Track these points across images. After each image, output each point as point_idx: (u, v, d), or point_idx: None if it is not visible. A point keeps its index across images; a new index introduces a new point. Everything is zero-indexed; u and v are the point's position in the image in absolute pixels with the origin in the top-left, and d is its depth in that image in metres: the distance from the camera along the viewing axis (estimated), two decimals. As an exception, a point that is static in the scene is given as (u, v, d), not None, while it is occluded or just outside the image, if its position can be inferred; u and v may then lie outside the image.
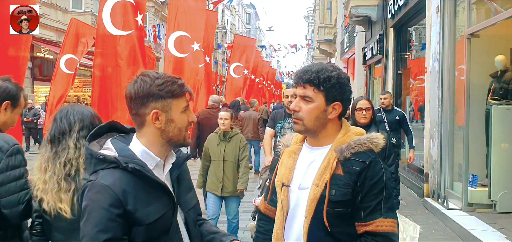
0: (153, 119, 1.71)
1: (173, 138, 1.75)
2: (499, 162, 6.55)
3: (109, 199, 1.59)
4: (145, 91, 1.69)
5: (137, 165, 1.64)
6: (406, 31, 11.91)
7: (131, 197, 1.63)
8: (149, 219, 1.65)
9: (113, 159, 1.65)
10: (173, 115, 1.73)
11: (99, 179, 1.63)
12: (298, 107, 1.94)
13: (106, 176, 1.63)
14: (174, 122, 1.73)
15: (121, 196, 1.61)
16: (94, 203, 1.60)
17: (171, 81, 1.72)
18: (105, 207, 1.59)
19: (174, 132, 1.74)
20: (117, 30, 6.23)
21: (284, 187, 1.98)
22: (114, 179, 1.62)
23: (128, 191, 1.63)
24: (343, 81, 1.93)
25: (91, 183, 1.64)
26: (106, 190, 1.60)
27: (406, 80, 11.73)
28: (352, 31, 19.05)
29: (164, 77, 1.73)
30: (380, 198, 1.82)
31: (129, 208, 1.62)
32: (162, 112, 1.71)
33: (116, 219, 1.59)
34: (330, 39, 29.86)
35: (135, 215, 1.63)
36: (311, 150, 1.99)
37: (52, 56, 19.06)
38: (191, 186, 1.97)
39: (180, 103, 1.74)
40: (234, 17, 64.98)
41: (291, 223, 1.96)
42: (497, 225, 5.86)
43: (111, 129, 1.84)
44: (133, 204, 1.63)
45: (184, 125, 1.76)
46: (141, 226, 1.64)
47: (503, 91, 6.99)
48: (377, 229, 1.81)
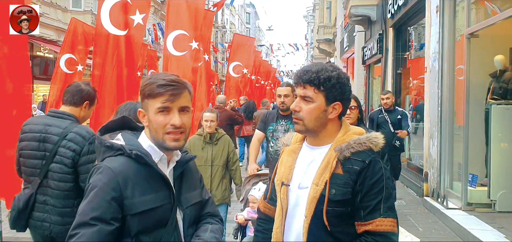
0: (141, 117, 1.81)
1: (154, 138, 1.79)
2: (499, 162, 6.56)
3: (108, 181, 1.67)
4: (140, 90, 1.80)
5: (140, 153, 1.72)
6: (406, 30, 11.92)
7: (130, 182, 1.70)
8: (144, 207, 1.70)
9: (119, 146, 1.75)
10: (149, 115, 1.78)
11: (105, 163, 1.72)
12: (299, 107, 1.94)
13: (111, 161, 1.73)
14: (151, 122, 1.78)
15: (121, 180, 1.68)
16: (95, 183, 1.69)
17: (152, 82, 1.76)
18: (102, 187, 1.67)
19: (153, 132, 1.79)
20: (116, 30, 6.22)
21: (284, 186, 1.99)
22: (118, 164, 1.71)
23: (128, 176, 1.70)
24: (343, 81, 1.94)
25: (97, 167, 1.73)
26: (108, 172, 1.69)
27: (406, 80, 11.74)
28: (352, 31, 19.05)
29: (151, 78, 1.79)
30: (380, 197, 1.83)
31: (127, 193, 1.68)
32: (144, 111, 1.80)
33: (110, 201, 1.66)
34: (330, 39, 29.87)
35: (132, 200, 1.68)
36: (311, 149, 2.00)
37: (52, 55, 19.04)
38: (196, 186, 1.97)
39: (154, 103, 1.75)
40: (234, 16, 64.94)
41: (290, 222, 1.97)
42: (496, 225, 5.87)
43: (123, 126, 1.91)
44: (131, 190, 1.69)
45: (159, 126, 1.75)
46: (136, 213, 1.68)
47: (503, 90, 7.00)
48: (377, 228, 1.81)
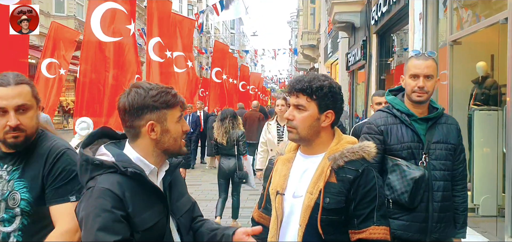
0: (148, 130, 1.71)
1: (169, 148, 1.76)
2: (481, 167, 6.67)
3: (111, 201, 1.58)
4: (140, 102, 1.69)
5: (136, 170, 1.64)
6: (389, 37, 12.08)
7: (130, 201, 1.62)
8: (145, 226, 1.64)
9: (111, 164, 1.65)
10: (168, 125, 1.73)
11: (98, 184, 1.61)
12: (292, 115, 1.97)
13: (105, 180, 1.62)
14: (169, 132, 1.74)
15: (123, 198, 1.60)
16: (97, 208, 1.57)
17: (165, 92, 1.73)
18: (108, 209, 1.56)
19: (170, 142, 1.75)
20: (106, 37, 6.21)
21: (279, 195, 2.00)
22: (114, 183, 1.62)
23: (127, 195, 1.62)
24: (334, 90, 1.98)
25: (90, 190, 1.62)
26: (107, 193, 1.59)
27: (389, 86, 11.88)
28: (336, 37, 19.23)
29: (158, 88, 1.73)
30: (373, 206, 1.86)
31: (130, 212, 1.61)
32: (157, 123, 1.71)
33: (121, 220, 1.58)
34: (314, 45, 30.06)
35: (134, 220, 1.62)
36: (305, 158, 2.02)
37: (34, 60, 18.76)
38: (184, 192, 1.96)
39: (174, 113, 1.75)
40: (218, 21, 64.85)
41: (285, 231, 1.98)
42: (480, 229, 5.96)
43: (102, 136, 1.83)
44: (132, 208, 1.62)
45: (179, 134, 1.77)
46: (137, 233, 1.62)
47: (485, 96, 7.13)
48: (370, 236, 1.84)
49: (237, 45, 71.27)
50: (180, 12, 37.92)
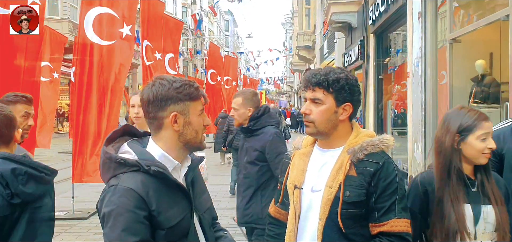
0: (171, 121, 1.71)
1: (190, 141, 1.75)
2: (482, 164, 6.69)
3: (134, 202, 1.56)
4: (164, 94, 1.69)
5: (159, 168, 1.63)
6: (387, 37, 12.10)
7: (154, 200, 1.60)
8: (170, 223, 1.63)
9: (134, 162, 1.64)
10: (191, 117, 1.73)
11: (121, 182, 1.60)
12: (309, 110, 1.95)
13: (128, 179, 1.60)
14: (191, 124, 1.74)
15: (146, 198, 1.59)
16: (119, 207, 1.55)
17: (188, 84, 1.74)
18: (131, 209, 1.55)
19: (192, 134, 1.75)
20: (100, 40, 6.28)
21: (297, 189, 1.98)
22: (137, 182, 1.60)
23: (151, 194, 1.60)
24: (352, 82, 1.95)
25: (113, 188, 1.60)
26: (130, 193, 1.57)
27: (387, 85, 11.91)
28: (331, 38, 19.26)
29: (181, 81, 1.74)
30: (394, 198, 1.84)
31: (153, 211, 1.59)
32: (181, 114, 1.71)
33: (143, 221, 1.56)
34: (309, 46, 30.11)
35: (158, 218, 1.60)
36: (323, 152, 2.00)
37: (28, 64, 18.66)
38: (205, 189, 1.96)
39: (197, 105, 1.75)
40: (212, 24, 64.88)
41: (303, 225, 1.96)
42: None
43: (124, 133, 1.82)
44: (156, 207, 1.60)
45: (200, 127, 1.77)
46: (162, 230, 1.61)
47: (484, 94, 7.16)
48: (392, 229, 1.82)
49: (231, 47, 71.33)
50: (174, 14, 37.81)
